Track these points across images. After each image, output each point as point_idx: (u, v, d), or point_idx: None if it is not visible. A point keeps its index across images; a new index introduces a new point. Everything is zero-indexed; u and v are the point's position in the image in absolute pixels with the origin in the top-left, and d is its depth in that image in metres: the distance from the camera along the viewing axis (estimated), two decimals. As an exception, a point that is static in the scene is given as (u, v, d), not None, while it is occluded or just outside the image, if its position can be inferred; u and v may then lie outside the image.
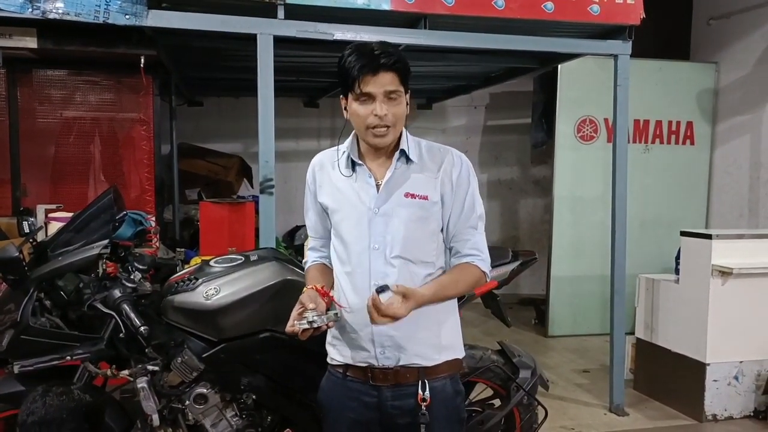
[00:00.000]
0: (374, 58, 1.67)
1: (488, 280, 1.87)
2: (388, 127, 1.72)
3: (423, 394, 1.77)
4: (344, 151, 1.83)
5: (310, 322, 1.65)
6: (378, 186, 1.78)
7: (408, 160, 1.79)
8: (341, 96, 1.79)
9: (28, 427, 2.09)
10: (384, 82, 1.68)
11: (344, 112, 1.80)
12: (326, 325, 1.68)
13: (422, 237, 1.78)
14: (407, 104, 1.77)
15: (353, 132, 1.84)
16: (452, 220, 1.81)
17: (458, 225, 1.81)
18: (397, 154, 1.79)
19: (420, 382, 1.78)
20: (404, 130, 1.82)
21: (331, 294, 1.82)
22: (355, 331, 1.79)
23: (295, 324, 1.67)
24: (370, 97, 1.70)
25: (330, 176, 1.86)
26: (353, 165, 1.82)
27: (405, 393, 1.79)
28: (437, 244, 1.82)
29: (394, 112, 1.72)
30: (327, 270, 1.92)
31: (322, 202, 1.87)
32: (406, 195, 1.76)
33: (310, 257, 1.99)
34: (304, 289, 1.80)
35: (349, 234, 1.80)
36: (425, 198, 1.77)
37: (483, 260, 1.82)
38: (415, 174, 1.79)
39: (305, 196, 1.95)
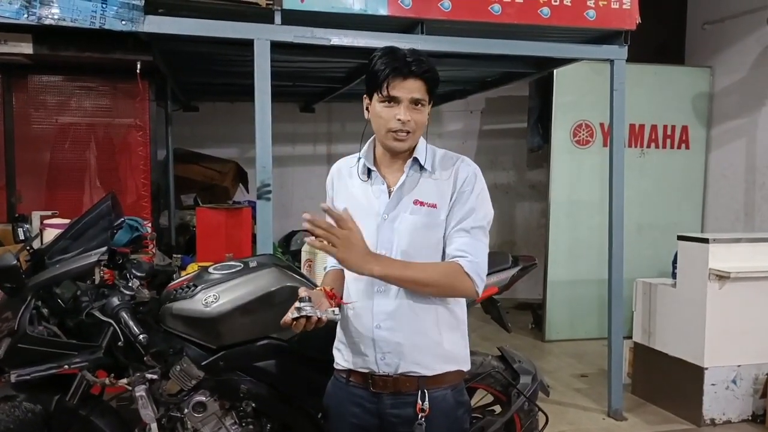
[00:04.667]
0: (407, 63, 1.70)
1: (477, 289, 1.73)
2: (408, 132, 1.73)
3: (422, 404, 1.75)
4: (360, 158, 1.84)
5: (298, 309, 1.64)
6: (390, 192, 1.79)
7: (421, 168, 1.79)
8: (365, 95, 1.80)
9: None
10: (412, 88, 1.70)
11: (365, 111, 1.81)
12: (317, 317, 1.64)
13: (427, 245, 1.76)
14: (429, 114, 1.79)
15: (371, 139, 1.85)
16: (450, 225, 1.76)
17: (452, 229, 1.75)
18: (410, 161, 1.79)
19: (420, 391, 1.76)
20: (422, 138, 1.82)
21: (338, 298, 1.80)
22: (358, 336, 1.79)
23: (288, 315, 1.66)
24: (395, 101, 1.71)
25: (346, 183, 1.87)
26: (369, 172, 1.82)
27: (404, 402, 1.78)
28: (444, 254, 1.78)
29: (417, 120, 1.73)
30: (342, 276, 1.90)
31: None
32: (415, 202, 1.76)
33: (329, 261, 1.99)
34: (316, 290, 1.81)
35: None
36: (433, 206, 1.76)
37: (469, 261, 1.71)
38: (426, 182, 1.79)
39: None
